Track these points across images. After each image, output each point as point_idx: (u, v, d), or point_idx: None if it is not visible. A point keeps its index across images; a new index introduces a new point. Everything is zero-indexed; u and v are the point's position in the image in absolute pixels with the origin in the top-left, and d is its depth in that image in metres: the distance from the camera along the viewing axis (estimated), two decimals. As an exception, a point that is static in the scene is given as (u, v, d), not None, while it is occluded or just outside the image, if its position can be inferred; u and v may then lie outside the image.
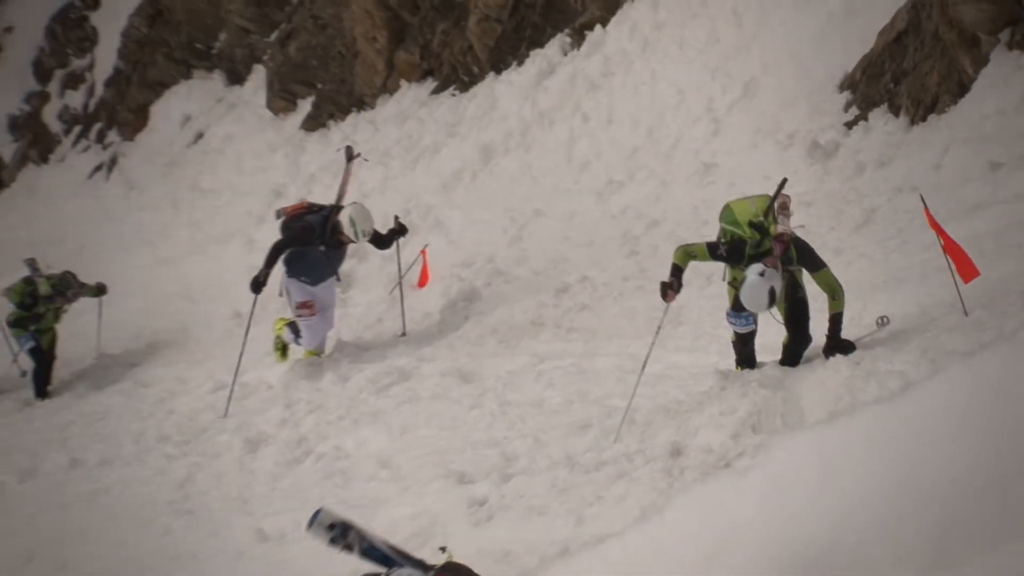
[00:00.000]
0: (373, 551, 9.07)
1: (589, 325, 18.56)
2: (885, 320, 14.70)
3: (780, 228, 14.32)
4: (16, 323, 22.94)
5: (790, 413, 13.97)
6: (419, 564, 9.04)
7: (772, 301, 13.91)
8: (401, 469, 16.41)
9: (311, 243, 19.13)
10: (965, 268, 13.93)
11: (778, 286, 13.78)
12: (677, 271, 14.72)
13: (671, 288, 14.68)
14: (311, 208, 19.48)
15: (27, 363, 23.75)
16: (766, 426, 13.95)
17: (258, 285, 19.51)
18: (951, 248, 13.99)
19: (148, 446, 19.69)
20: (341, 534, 9.20)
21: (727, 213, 14.74)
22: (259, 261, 24.28)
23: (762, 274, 13.60)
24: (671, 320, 16.30)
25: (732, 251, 14.36)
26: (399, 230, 19.75)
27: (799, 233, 14.73)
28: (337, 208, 19.16)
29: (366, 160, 22.38)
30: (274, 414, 19.17)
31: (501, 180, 23.44)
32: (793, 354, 14.79)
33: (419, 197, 22.94)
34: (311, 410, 18.96)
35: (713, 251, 14.48)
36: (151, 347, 23.97)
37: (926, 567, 3.66)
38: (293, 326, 20.10)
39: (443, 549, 10.14)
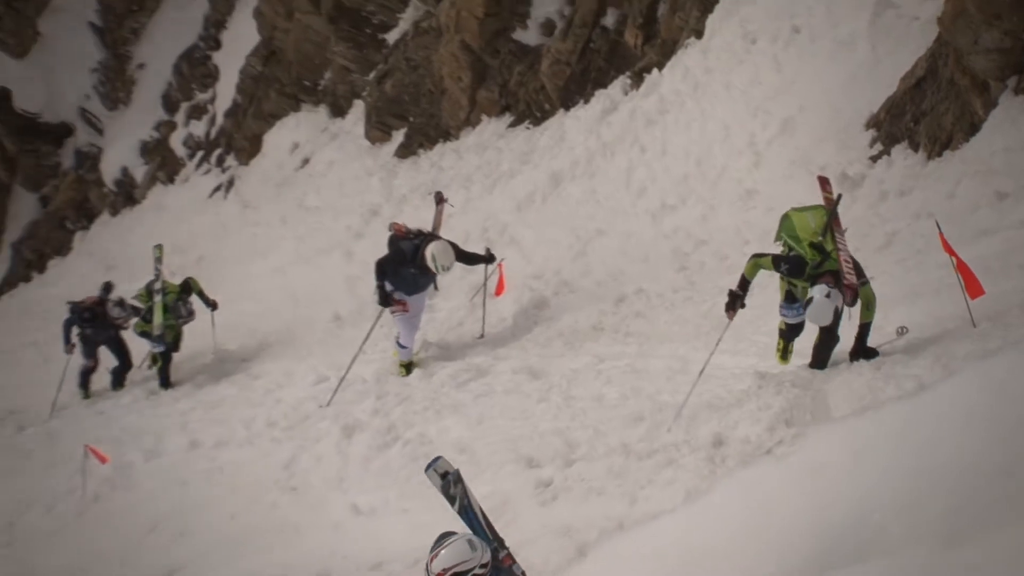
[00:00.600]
0: (468, 510, 9.61)
1: (643, 330, 18.50)
2: (904, 330, 14.57)
3: (847, 276, 14.23)
4: (143, 333, 23.06)
5: (818, 409, 14.06)
6: (498, 541, 9.57)
7: (837, 318, 14.07)
8: (477, 454, 16.55)
9: (404, 265, 19.19)
10: (972, 286, 13.97)
11: (841, 305, 13.90)
12: (744, 285, 14.80)
13: (737, 305, 14.80)
14: (408, 234, 19.50)
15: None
16: (798, 420, 14.05)
17: (386, 299, 19.55)
18: (962, 268, 14.04)
19: (258, 431, 20.09)
20: (452, 483, 9.80)
21: (787, 224, 14.74)
22: (356, 271, 25.11)
23: (828, 296, 13.75)
24: (716, 326, 16.23)
25: (793, 268, 14.38)
26: (488, 258, 19.83)
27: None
28: (428, 239, 19.19)
29: (452, 206, 22.28)
30: (367, 405, 19.37)
31: (568, 203, 23.34)
32: (821, 355, 14.78)
33: (496, 216, 22.85)
34: (399, 401, 19.14)
35: (777, 265, 14.53)
36: (262, 345, 24.03)
37: (940, 543, 3.71)
38: (397, 340, 20.10)
39: None
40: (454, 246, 19.44)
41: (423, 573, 9.20)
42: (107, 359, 24.85)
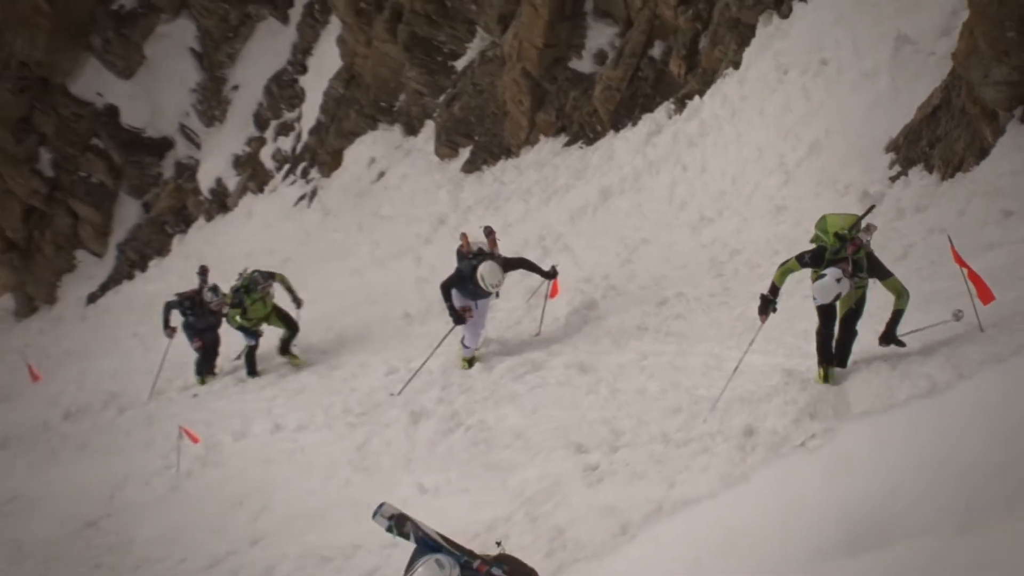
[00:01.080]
0: (426, 540, 9.49)
1: (682, 331, 18.53)
2: (960, 313, 14.50)
3: (862, 237, 14.36)
4: (240, 327, 23.25)
5: (840, 405, 14.16)
6: (467, 553, 9.54)
7: (835, 299, 14.13)
8: (531, 440, 16.76)
9: (464, 283, 19.46)
10: (984, 293, 14.07)
11: (844, 291, 13.93)
12: (775, 290, 14.80)
13: (769, 309, 14.83)
14: (469, 253, 19.74)
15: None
16: (821, 414, 14.08)
17: (459, 319, 19.71)
18: (973, 277, 14.13)
19: (335, 416, 20.23)
20: (397, 524, 9.73)
21: (822, 222, 14.74)
22: (424, 273, 25.39)
23: (839, 280, 13.81)
24: (748, 328, 16.34)
25: (815, 256, 14.44)
26: (549, 274, 19.92)
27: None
28: (483, 259, 19.34)
29: (499, 240, 21.81)
30: (433, 394, 19.52)
31: (616, 215, 23.39)
32: (843, 348, 14.78)
33: (552, 226, 22.85)
34: (462, 392, 19.30)
35: (801, 259, 14.56)
36: (340, 339, 24.12)
37: (955, 530, 3.67)
38: (463, 341, 20.26)
39: (498, 543, 10.86)
40: (521, 260, 19.87)
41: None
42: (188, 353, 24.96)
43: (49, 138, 34.01)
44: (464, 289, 19.70)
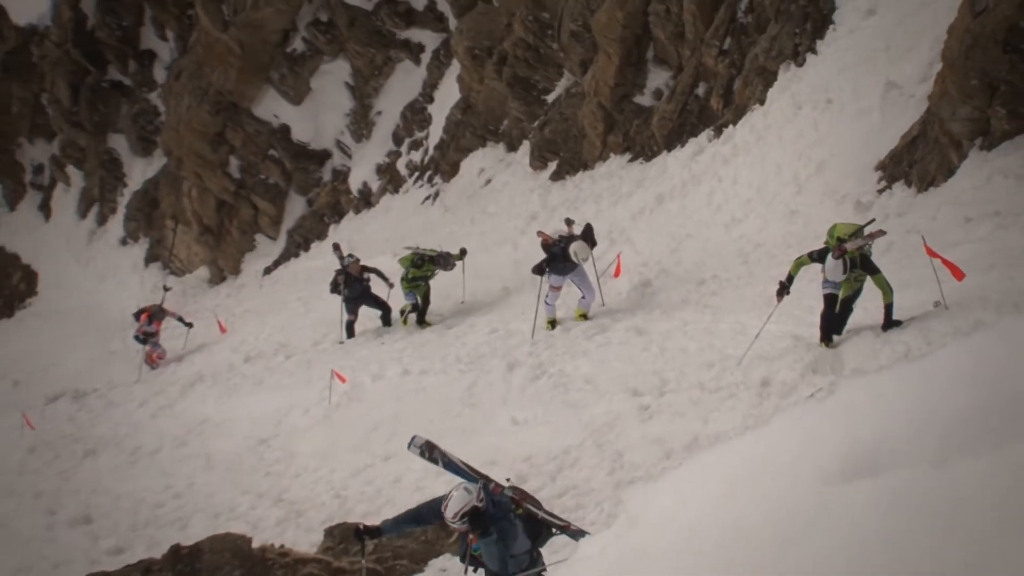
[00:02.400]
0: (451, 465, 9.62)
1: (716, 304, 18.74)
2: (940, 303, 14.80)
3: (847, 245, 14.70)
4: (411, 281, 23.16)
5: (836, 363, 14.81)
6: (483, 477, 9.62)
7: (839, 282, 14.80)
8: (599, 385, 17.16)
9: (555, 263, 19.55)
10: (956, 273, 14.40)
11: (839, 276, 14.70)
12: (790, 279, 15.19)
13: (783, 292, 15.24)
14: (557, 242, 19.78)
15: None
16: (821, 370, 14.78)
17: (541, 271, 19.83)
18: (946, 263, 14.47)
19: (449, 363, 20.48)
20: (428, 451, 9.86)
21: (832, 228, 15.08)
22: (520, 257, 25.43)
23: (836, 259, 14.59)
24: (766, 302, 16.56)
25: (820, 254, 14.90)
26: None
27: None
28: (571, 240, 19.49)
29: (576, 223, 21.83)
30: (524, 349, 19.83)
31: (667, 215, 23.40)
32: (841, 320, 15.22)
33: (617, 223, 22.79)
34: (546, 348, 19.58)
35: (811, 256, 14.97)
36: (454, 306, 24.15)
37: (934, 464, 3.42)
38: (546, 300, 20.37)
39: (508, 480, 10.60)
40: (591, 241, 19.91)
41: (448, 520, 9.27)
42: (367, 317, 24.89)
43: (237, 149, 34.39)
44: (557, 269, 19.75)
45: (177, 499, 18.90)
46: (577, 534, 9.59)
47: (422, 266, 23.16)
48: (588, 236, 20.00)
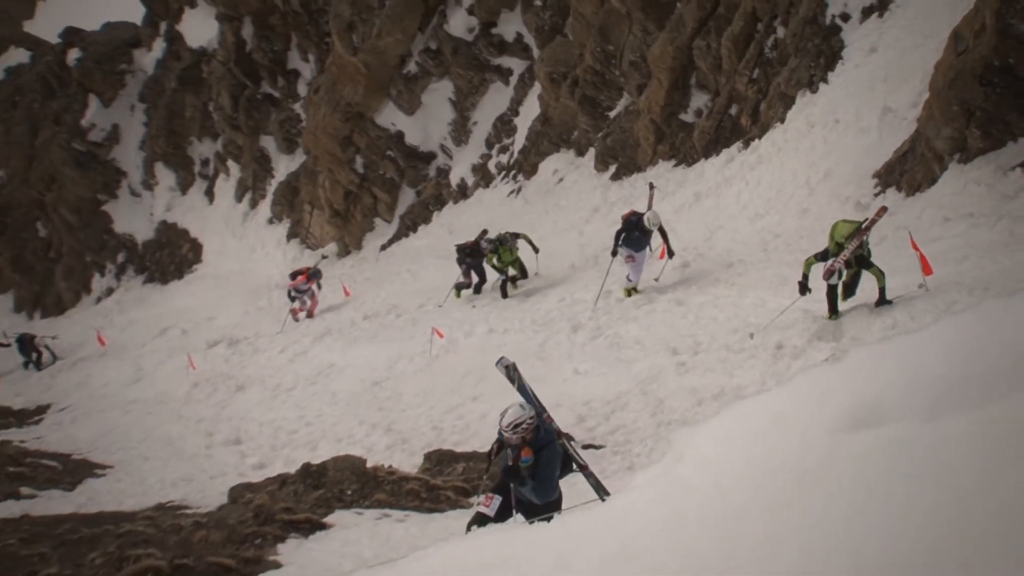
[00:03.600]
0: (523, 388, 9.45)
1: (741, 283, 18.78)
2: (923, 287, 14.79)
3: (846, 251, 14.75)
4: (493, 267, 23.55)
5: (836, 332, 14.94)
6: (541, 407, 9.49)
7: (836, 279, 14.89)
8: (645, 345, 17.43)
9: (631, 231, 19.59)
10: (926, 269, 14.45)
11: (838, 274, 14.88)
12: (805, 278, 15.09)
13: (804, 290, 15.15)
14: (632, 215, 19.86)
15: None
16: (824, 337, 14.90)
17: (615, 252, 19.98)
18: (922, 258, 14.49)
19: (526, 325, 20.84)
20: (512, 371, 9.67)
21: (833, 228, 15.09)
22: (585, 240, 25.53)
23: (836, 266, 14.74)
24: (782, 283, 17.00)
25: (823, 255, 14.93)
26: (670, 252, 20.14)
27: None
28: (642, 215, 19.60)
29: (657, 189, 22.55)
30: (586, 314, 20.06)
31: (704, 209, 23.39)
32: (848, 293, 15.39)
33: (664, 216, 22.16)
34: (604, 313, 19.79)
35: (816, 257, 14.99)
36: (531, 279, 24.23)
37: (927, 417, 3.35)
38: (628, 277, 20.37)
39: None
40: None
41: (502, 430, 9.14)
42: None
43: (361, 149, 34.52)
44: (630, 241, 19.77)
45: (308, 427, 19.44)
46: (591, 477, 9.44)
47: (503, 250, 23.33)
48: (664, 235, 20.05)
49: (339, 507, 12.87)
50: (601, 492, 9.21)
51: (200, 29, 40.48)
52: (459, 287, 24.92)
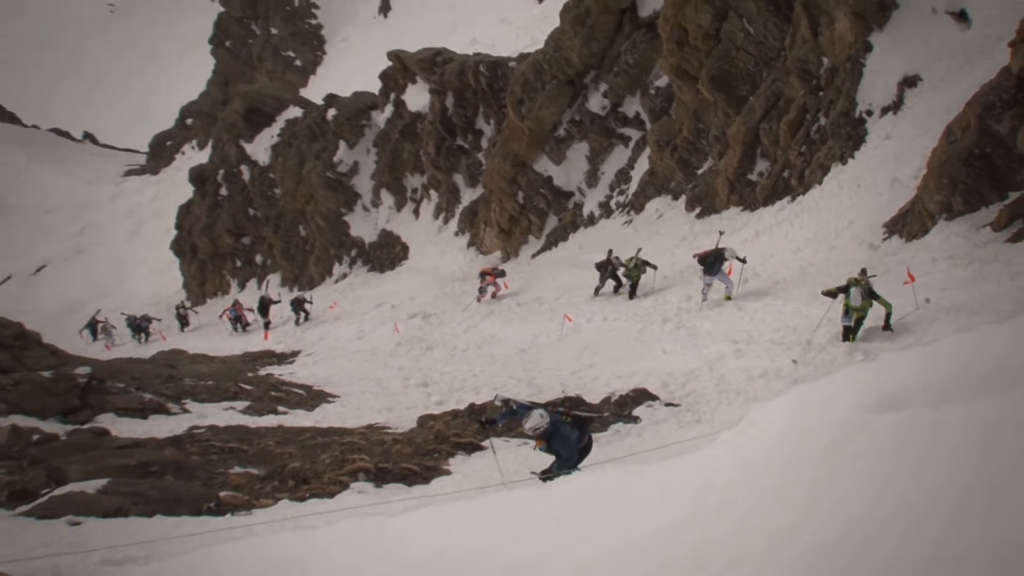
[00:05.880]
0: (522, 406, 9.28)
1: (784, 296, 18.83)
2: (928, 300, 14.67)
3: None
4: (625, 275, 23.17)
5: (853, 347, 14.66)
6: (545, 406, 9.31)
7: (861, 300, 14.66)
8: (713, 335, 17.75)
9: (710, 266, 19.54)
10: (910, 278, 14.73)
11: (859, 301, 14.70)
12: (836, 291, 15.05)
13: (832, 295, 15.11)
14: (712, 251, 19.85)
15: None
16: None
17: (708, 270, 19.73)
18: (911, 279, 14.75)
19: (630, 317, 20.88)
20: (507, 402, 9.53)
21: (848, 278, 14.98)
22: (675, 260, 24.86)
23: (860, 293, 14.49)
24: (815, 298, 16.81)
25: (841, 289, 14.88)
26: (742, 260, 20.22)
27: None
28: (722, 250, 19.63)
29: (724, 233, 22.34)
30: (673, 312, 20.12)
31: (760, 243, 22.85)
32: (857, 327, 15.09)
33: (731, 246, 22.18)
34: (685, 312, 19.90)
35: (838, 289, 14.86)
36: (645, 287, 23.65)
37: (939, 404, 3.15)
38: (703, 291, 19.95)
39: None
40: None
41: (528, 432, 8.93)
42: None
43: (522, 187, 34.56)
44: (709, 269, 19.71)
45: (474, 378, 19.66)
46: (609, 419, 9.44)
47: (633, 267, 23.14)
48: (721, 253, 19.96)
49: (492, 435, 12.69)
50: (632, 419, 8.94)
51: (417, 98, 40.83)
52: (597, 291, 24.71)
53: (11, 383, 16.41)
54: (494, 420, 10.35)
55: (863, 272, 15.64)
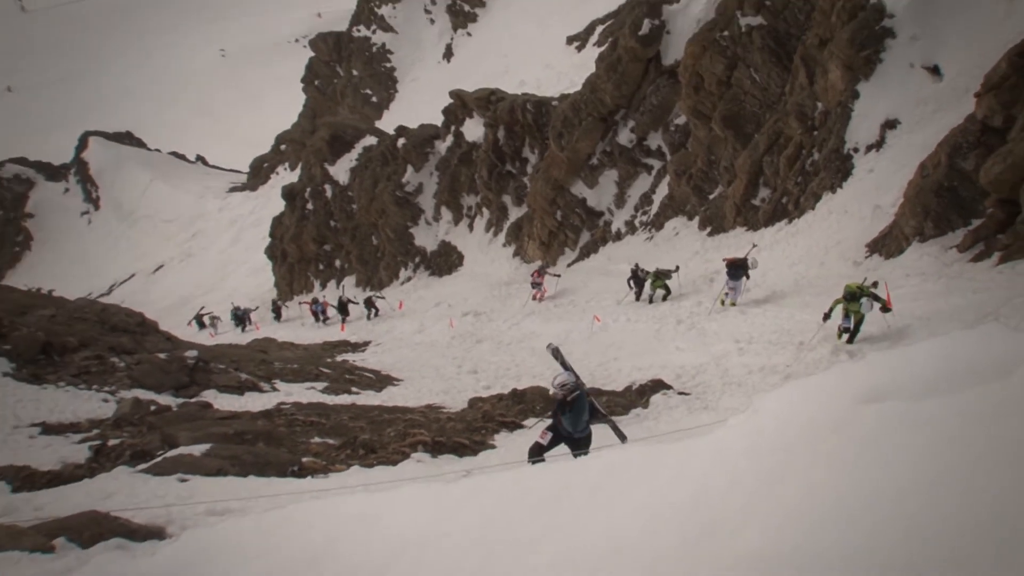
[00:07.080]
0: (565, 363, 8.89)
1: (781, 303, 18.58)
2: (891, 311, 14.16)
3: (842, 322, 14.19)
4: (652, 286, 22.66)
5: (839, 345, 14.44)
6: (579, 378, 8.63)
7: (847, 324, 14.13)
8: (720, 335, 17.52)
9: (735, 269, 19.22)
10: (888, 303, 14.14)
11: (869, 309, 14.06)
12: (830, 310, 14.44)
13: (825, 319, 14.55)
14: (736, 259, 19.55)
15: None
16: (831, 343, 14.34)
17: (747, 275, 19.34)
18: (888, 299, 14.20)
19: (649, 318, 20.62)
20: (557, 354, 9.05)
21: (847, 285, 14.32)
22: (689, 271, 24.27)
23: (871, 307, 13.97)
24: (805, 307, 16.65)
25: (845, 298, 14.20)
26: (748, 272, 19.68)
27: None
28: (745, 259, 19.38)
29: (755, 246, 22.12)
30: (686, 314, 19.90)
31: (761, 258, 22.28)
32: (854, 332, 14.70)
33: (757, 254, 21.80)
34: (697, 315, 19.59)
35: (845, 297, 14.26)
36: (676, 290, 23.34)
37: (924, 395, 3.07)
38: (725, 293, 19.47)
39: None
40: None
41: (552, 387, 8.41)
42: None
43: (561, 207, 34.41)
44: (733, 274, 19.32)
45: (516, 367, 19.64)
46: (611, 425, 8.73)
47: (656, 279, 22.84)
48: (745, 262, 19.73)
49: (532, 416, 12.53)
50: (621, 437, 8.43)
51: (473, 130, 40.92)
52: (637, 294, 24.33)
53: (134, 362, 17.07)
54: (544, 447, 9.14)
55: (874, 284, 15.43)
